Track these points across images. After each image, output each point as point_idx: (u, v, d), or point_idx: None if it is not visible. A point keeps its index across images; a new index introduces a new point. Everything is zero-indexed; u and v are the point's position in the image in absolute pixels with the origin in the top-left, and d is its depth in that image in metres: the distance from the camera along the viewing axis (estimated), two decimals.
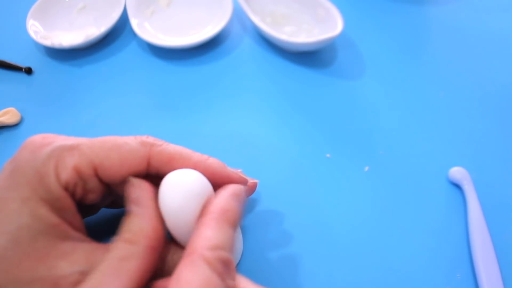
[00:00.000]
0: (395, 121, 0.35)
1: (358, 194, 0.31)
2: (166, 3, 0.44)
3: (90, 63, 0.40)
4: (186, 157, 0.23)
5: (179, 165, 0.23)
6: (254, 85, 0.38)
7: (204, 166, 0.24)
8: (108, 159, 0.22)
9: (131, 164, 0.22)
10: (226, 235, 0.20)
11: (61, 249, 0.20)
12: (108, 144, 0.22)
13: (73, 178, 0.21)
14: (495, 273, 0.26)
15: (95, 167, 0.22)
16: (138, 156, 0.22)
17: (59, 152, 0.21)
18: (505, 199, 0.30)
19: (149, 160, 0.23)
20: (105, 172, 0.22)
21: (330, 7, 0.39)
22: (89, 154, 0.21)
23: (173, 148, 0.23)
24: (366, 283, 0.27)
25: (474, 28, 0.42)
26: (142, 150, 0.22)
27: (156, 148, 0.23)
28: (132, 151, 0.22)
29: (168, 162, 0.23)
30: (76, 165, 0.21)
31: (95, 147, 0.22)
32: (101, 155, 0.22)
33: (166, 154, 0.23)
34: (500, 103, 0.36)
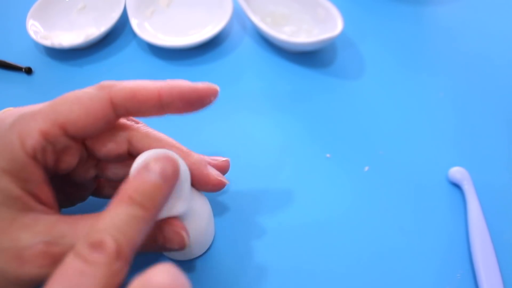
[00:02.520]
0: (395, 121, 0.35)
1: (358, 194, 0.31)
2: (166, 3, 0.44)
3: (90, 63, 0.40)
4: (148, 88, 0.22)
5: (143, 97, 0.22)
6: (254, 85, 0.38)
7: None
8: (72, 113, 0.21)
9: (96, 110, 0.21)
10: (117, 214, 0.18)
11: (23, 221, 0.20)
12: (68, 99, 0.21)
13: (39, 142, 0.20)
14: (495, 273, 0.26)
15: (61, 125, 0.21)
16: (100, 99, 0.22)
17: (21, 120, 0.21)
18: (505, 199, 0.30)
19: (112, 101, 0.22)
20: (73, 126, 0.21)
21: (330, 7, 0.39)
22: (51, 114, 0.21)
23: (133, 82, 0.23)
24: (366, 283, 0.27)
25: (474, 28, 0.42)
26: (101, 93, 0.22)
27: (115, 87, 0.22)
28: (93, 97, 0.22)
29: (133, 98, 0.22)
30: (41, 128, 0.20)
31: (57, 105, 0.21)
32: (64, 111, 0.21)
33: (127, 89, 0.22)
34: (500, 103, 0.36)
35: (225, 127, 0.35)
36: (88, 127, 0.22)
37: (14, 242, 0.19)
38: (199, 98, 0.23)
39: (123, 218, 0.18)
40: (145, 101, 0.22)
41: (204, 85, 0.24)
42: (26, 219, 0.20)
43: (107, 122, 0.22)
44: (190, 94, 0.23)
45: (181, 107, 0.23)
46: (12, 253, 0.19)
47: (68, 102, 0.21)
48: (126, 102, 0.22)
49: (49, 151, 0.21)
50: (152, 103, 0.22)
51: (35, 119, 0.21)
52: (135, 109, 0.22)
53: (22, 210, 0.20)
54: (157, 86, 0.23)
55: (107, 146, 0.24)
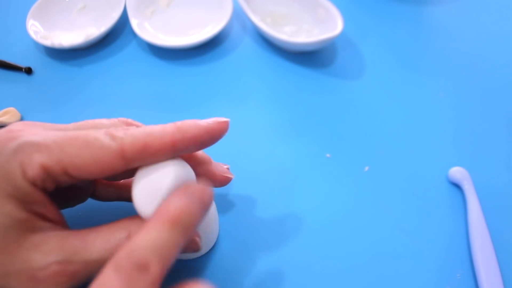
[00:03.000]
0: (395, 121, 0.35)
1: (358, 194, 0.31)
2: (166, 3, 0.44)
3: (90, 63, 0.40)
4: (161, 139, 0.21)
5: (156, 149, 0.21)
6: (254, 85, 0.38)
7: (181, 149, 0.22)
8: (79, 158, 0.20)
9: (105, 161, 0.20)
10: (160, 237, 0.18)
11: (33, 241, 0.20)
12: (78, 141, 0.21)
13: (40, 175, 0.20)
14: (495, 273, 0.26)
15: (64, 167, 0.20)
16: (111, 152, 0.21)
17: (25, 148, 0.20)
18: (505, 199, 0.30)
19: (124, 155, 0.21)
20: (77, 171, 0.20)
21: (330, 7, 0.39)
22: (57, 152, 0.20)
23: (145, 132, 0.21)
24: (366, 283, 0.27)
25: (474, 28, 0.42)
26: (113, 144, 0.21)
27: (128, 139, 0.21)
28: (104, 147, 0.20)
29: (145, 150, 0.21)
30: (43, 163, 0.20)
31: (65, 145, 0.20)
32: (71, 153, 0.20)
33: (140, 142, 0.21)
34: (500, 103, 0.36)
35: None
36: (92, 174, 0.21)
37: (27, 264, 0.19)
38: (212, 138, 0.23)
39: (165, 243, 0.18)
40: (159, 151, 0.21)
41: (215, 123, 0.23)
42: (35, 238, 0.20)
43: (114, 172, 0.21)
44: (203, 136, 0.22)
45: (194, 150, 0.23)
46: (26, 274, 0.19)
47: (77, 145, 0.20)
48: (138, 155, 0.21)
49: (49, 182, 0.21)
50: (165, 152, 0.21)
51: (39, 151, 0.20)
52: (147, 160, 0.21)
53: (30, 231, 0.20)
54: (169, 134, 0.21)
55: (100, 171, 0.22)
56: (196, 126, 0.22)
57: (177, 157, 0.22)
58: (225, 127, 0.23)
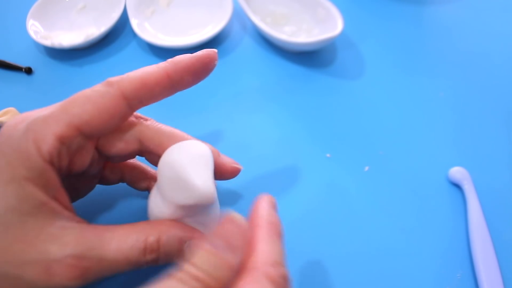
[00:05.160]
0: (395, 121, 0.35)
1: (358, 194, 0.31)
2: (166, 3, 0.44)
3: (90, 63, 0.40)
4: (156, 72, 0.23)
5: (153, 83, 0.22)
6: (254, 85, 0.38)
7: None
8: (85, 113, 0.21)
9: (109, 107, 0.21)
10: (280, 250, 0.20)
11: (51, 231, 0.20)
12: (79, 99, 0.21)
13: (55, 147, 0.20)
14: (495, 273, 0.26)
15: (76, 127, 0.21)
16: (112, 96, 0.22)
17: (35, 125, 0.20)
18: (505, 199, 0.30)
19: (124, 95, 0.22)
20: (88, 126, 0.21)
21: (330, 7, 0.39)
22: (65, 116, 0.21)
23: (139, 72, 0.23)
24: (365, 283, 0.27)
25: (474, 28, 0.42)
26: (112, 89, 0.22)
27: (124, 81, 0.22)
28: (104, 95, 0.22)
29: (143, 86, 0.22)
30: (55, 132, 0.20)
31: (68, 107, 0.21)
32: (76, 112, 0.21)
33: (137, 80, 0.22)
34: (500, 103, 0.36)
35: (225, 127, 0.35)
36: (103, 125, 0.22)
37: (43, 255, 0.19)
38: (203, 65, 0.24)
39: (282, 254, 0.20)
40: (156, 85, 0.22)
41: (204, 52, 0.24)
42: (53, 228, 0.20)
43: (122, 117, 0.22)
44: (195, 64, 0.23)
45: (190, 80, 0.24)
46: (41, 265, 0.19)
47: (79, 102, 0.21)
48: (137, 92, 0.22)
49: (64, 154, 0.21)
50: (163, 85, 0.23)
51: (48, 123, 0.21)
52: (148, 97, 0.23)
53: (49, 217, 0.20)
54: (162, 68, 0.23)
55: (117, 146, 0.24)
56: (187, 56, 0.23)
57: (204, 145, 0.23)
58: (214, 54, 0.24)
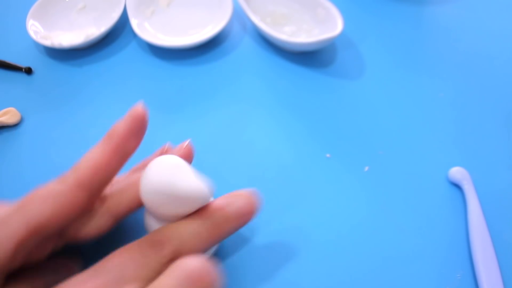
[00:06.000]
0: (395, 121, 0.35)
1: (358, 194, 0.31)
2: (166, 3, 0.44)
3: (90, 63, 0.40)
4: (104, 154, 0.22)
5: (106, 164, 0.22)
6: (254, 85, 0.38)
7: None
8: (43, 213, 0.20)
9: (68, 202, 0.21)
10: (185, 226, 0.21)
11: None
12: (35, 199, 0.20)
13: (10, 255, 0.19)
14: (495, 273, 0.26)
15: (34, 230, 0.20)
16: (65, 190, 0.21)
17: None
18: (505, 199, 0.30)
19: (80, 184, 0.21)
20: (46, 224, 0.20)
21: (330, 7, 0.39)
22: (22, 221, 0.20)
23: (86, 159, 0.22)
24: (365, 283, 0.27)
25: (474, 28, 0.42)
26: (68, 185, 0.21)
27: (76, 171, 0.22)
28: (59, 190, 0.21)
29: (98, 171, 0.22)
30: (13, 238, 0.19)
31: (24, 209, 0.20)
32: (34, 214, 0.20)
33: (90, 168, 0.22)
34: (500, 103, 0.36)
35: (225, 127, 0.35)
36: (64, 222, 0.21)
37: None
38: (139, 122, 0.23)
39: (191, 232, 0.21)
40: (109, 164, 0.22)
41: (132, 113, 0.23)
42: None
43: (83, 209, 0.22)
44: (132, 126, 0.23)
45: (135, 142, 0.23)
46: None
47: (36, 202, 0.20)
48: (94, 180, 0.22)
49: (19, 258, 0.20)
50: (115, 161, 0.22)
51: (3, 230, 0.20)
52: (104, 179, 0.22)
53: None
54: (106, 146, 0.22)
55: (90, 233, 0.23)
56: (122, 125, 0.23)
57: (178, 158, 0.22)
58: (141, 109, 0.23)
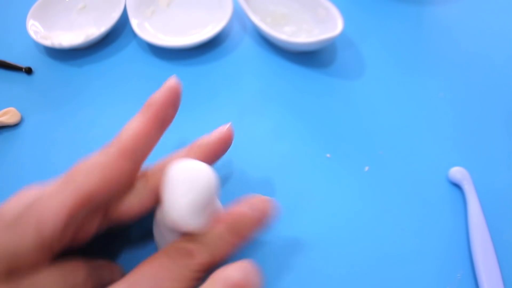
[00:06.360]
0: (395, 121, 0.35)
1: (358, 194, 0.31)
2: (166, 3, 0.44)
3: (90, 63, 0.40)
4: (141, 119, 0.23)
5: (146, 131, 0.23)
6: (254, 85, 0.38)
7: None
8: (92, 184, 0.20)
9: (110, 169, 0.21)
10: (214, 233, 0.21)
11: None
12: (81, 169, 0.21)
13: (60, 229, 0.19)
14: (495, 273, 0.26)
15: (83, 200, 0.20)
16: (110, 158, 0.21)
17: (37, 208, 0.19)
18: (505, 199, 0.30)
19: (125, 150, 0.21)
20: (96, 196, 0.20)
21: (330, 7, 0.39)
22: (72, 190, 0.20)
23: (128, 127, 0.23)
24: (365, 283, 0.27)
25: (474, 28, 0.42)
26: (112, 152, 0.21)
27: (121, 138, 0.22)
28: (104, 159, 0.21)
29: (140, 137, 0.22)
30: (62, 212, 0.19)
31: (72, 181, 0.20)
32: (82, 185, 0.20)
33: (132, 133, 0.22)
34: (500, 103, 0.36)
35: None
36: (112, 191, 0.21)
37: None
38: (175, 93, 0.24)
39: (217, 240, 0.22)
40: (149, 132, 0.23)
41: (168, 85, 0.25)
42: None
43: (129, 178, 0.22)
44: (169, 97, 0.24)
45: (173, 112, 0.25)
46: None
47: (85, 172, 0.20)
48: (137, 146, 0.22)
49: (69, 230, 0.20)
50: (155, 128, 0.23)
51: (54, 200, 0.19)
52: (146, 146, 0.23)
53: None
54: (146, 114, 0.23)
55: (135, 209, 0.23)
56: (160, 95, 0.24)
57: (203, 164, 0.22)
58: (175, 80, 0.25)
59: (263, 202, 0.23)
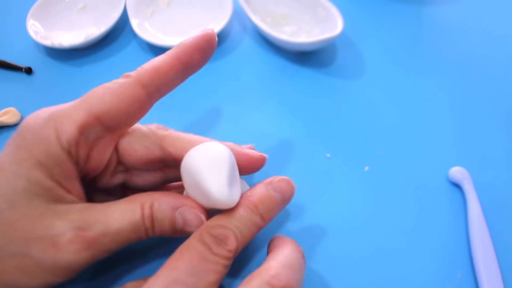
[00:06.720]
0: (395, 121, 0.35)
1: (358, 194, 0.31)
2: (166, 3, 0.44)
3: (90, 63, 0.40)
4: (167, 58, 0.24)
5: (167, 68, 0.23)
6: (254, 85, 0.38)
7: None
8: (105, 102, 0.22)
9: (129, 95, 0.22)
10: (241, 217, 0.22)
11: (55, 209, 0.20)
12: (98, 90, 0.22)
13: (74, 136, 0.21)
14: (495, 273, 0.26)
15: (96, 115, 0.22)
16: (130, 85, 0.22)
17: (57, 115, 0.21)
18: (505, 199, 0.30)
19: (142, 83, 0.23)
20: (108, 115, 0.22)
21: (330, 7, 0.39)
22: (85, 106, 0.22)
23: (151, 62, 0.24)
24: (365, 283, 0.27)
25: (474, 28, 0.42)
26: (129, 79, 0.23)
27: (139, 71, 0.23)
28: (123, 84, 0.22)
29: (158, 73, 0.23)
30: (76, 121, 0.21)
31: (89, 98, 0.22)
32: (97, 102, 0.22)
33: (150, 68, 0.23)
34: (500, 102, 0.36)
35: (224, 127, 0.35)
36: (122, 114, 0.22)
37: (49, 230, 0.20)
38: (208, 42, 0.24)
39: (245, 223, 0.21)
40: (170, 70, 0.23)
41: (204, 31, 0.25)
42: (58, 208, 0.21)
43: (141, 107, 0.23)
44: (200, 43, 0.24)
45: (200, 59, 0.24)
46: (47, 241, 0.20)
47: (99, 93, 0.22)
48: (154, 79, 0.23)
49: (83, 144, 0.22)
50: (176, 69, 0.24)
51: (69, 113, 0.21)
52: (164, 84, 0.23)
53: (54, 201, 0.21)
54: (172, 53, 0.24)
55: (138, 152, 0.24)
56: (191, 39, 0.24)
57: (222, 144, 0.23)
58: (212, 31, 0.25)
59: (284, 183, 0.24)
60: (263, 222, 0.22)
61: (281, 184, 0.23)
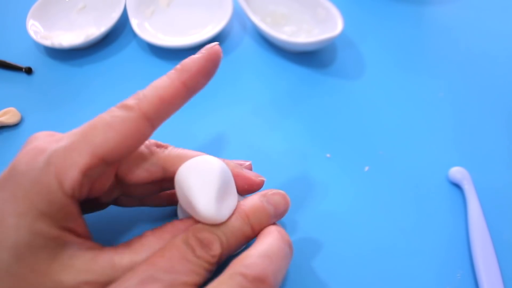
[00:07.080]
0: (395, 121, 0.35)
1: (358, 194, 0.31)
2: (166, 3, 0.44)
3: (90, 63, 0.40)
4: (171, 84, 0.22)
5: (172, 96, 0.22)
6: (254, 85, 0.38)
7: None
8: (108, 141, 0.20)
9: (133, 131, 0.21)
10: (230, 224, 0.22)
11: (62, 261, 0.20)
12: (100, 127, 0.21)
13: (78, 180, 0.20)
14: (495, 273, 0.26)
15: (100, 157, 0.20)
16: (134, 119, 0.21)
17: (56, 158, 0.20)
18: (505, 199, 0.30)
19: (145, 115, 0.21)
20: (112, 154, 0.21)
21: (330, 7, 0.39)
22: (87, 147, 0.20)
23: (152, 88, 0.22)
24: (366, 283, 0.27)
25: (474, 28, 0.42)
26: (132, 114, 0.21)
27: (143, 102, 0.22)
28: (125, 120, 0.21)
29: (162, 102, 0.22)
30: (79, 165, 0.20)
31: (89, 135, 0.20)
32: (99, 142, 0.20)
33: (154, 98, 0.22)
34: (500, 102, 0.36)
35: (224, 128, 0.35)
36: (127, 151, 0.21)
37: (58, 285, 0.19)
38: (213, 63, 0.23)
39: (234, 231, 0.21)
40: (175, 98, 0.22)
41: (209, 50, 0.23)
42: (64, 258, 0.20)
43: (145, 139, 0.22)
44: (205, 65, 0.23)
45: (204, 82, 0.23)
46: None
47: (100, 130, 0.21)
48: (159, 110, 0.22)
49: (86, 184, 0.21)
50: (181, 95, 0.22)
51: (70, 155, 0.20)
52: (168, 112, 0.22)
53: (60, 248, 0.20)
54: (176, 78, 0.22)
55: (140, 176, 0.23)
56: (195, 60, 0.23)
57: (217, 159, 0.23)
58: (218, 49, 0.23)
59: (279, 196, 0.23)
60: (252, 233, 0.22)
61: (275, 197, 0.23)
